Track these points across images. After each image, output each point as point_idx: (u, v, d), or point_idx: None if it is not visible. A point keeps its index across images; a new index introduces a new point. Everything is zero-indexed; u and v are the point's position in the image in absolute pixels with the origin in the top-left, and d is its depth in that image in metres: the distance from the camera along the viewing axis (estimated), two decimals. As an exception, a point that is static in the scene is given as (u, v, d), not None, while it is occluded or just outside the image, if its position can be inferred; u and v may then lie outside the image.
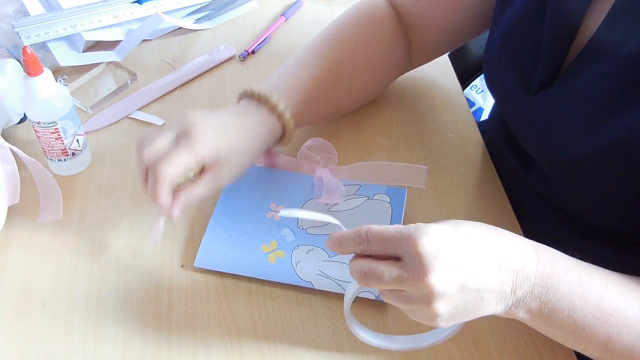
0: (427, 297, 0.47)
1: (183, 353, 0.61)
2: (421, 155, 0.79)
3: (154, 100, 0.86)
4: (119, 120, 0.84)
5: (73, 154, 0.75)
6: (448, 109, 0.85)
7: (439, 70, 0.91)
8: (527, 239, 0.52)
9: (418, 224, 0.49)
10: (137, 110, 0.85)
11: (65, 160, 0.75)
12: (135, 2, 0.95)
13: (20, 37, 0.87)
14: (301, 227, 0.70)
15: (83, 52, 0.92)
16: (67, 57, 0.90)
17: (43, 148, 0.74)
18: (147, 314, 0.64)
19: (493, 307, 0.50)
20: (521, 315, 0.51)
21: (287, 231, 0.70)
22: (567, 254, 0.53)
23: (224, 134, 0.63)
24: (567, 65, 0.61)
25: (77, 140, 0.74)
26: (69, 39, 0.92)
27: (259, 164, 0.76)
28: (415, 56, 0.81)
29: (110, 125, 0.83)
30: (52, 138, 0.72)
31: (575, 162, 0.59)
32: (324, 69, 0.73)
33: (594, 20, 0.58)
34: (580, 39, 0.59)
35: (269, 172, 0.76)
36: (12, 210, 0.72)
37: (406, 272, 0.47)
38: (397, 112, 0.85)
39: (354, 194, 0.74)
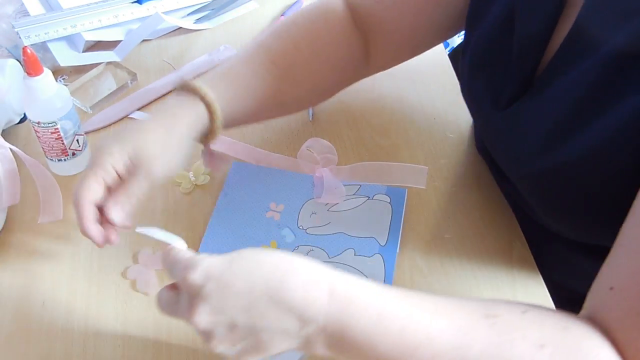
0: (200, 333, 0.46)
1: (183, 353, 0.61)
2: (421, 155, 0.79)
3: (154, 100, 0.86)
4: (119, 120, 0.84)
5: (73, 154, 0.75)
6: (448, 109, 0.85)
7: (439, 70, 0.91)
8: (327, 270, 0.47)
9: (204, 255, 0.47)
10: (137, 110, 0.85)
11: (65, 160, 0.75)
12: (135, 2, 0.95)
13: (20, 37, 0.87)
14: (301, 227, 0.70)
15: (83, 52, 0.92)
16: (67, 57, 0.90)
17: (43, 148, 0.74)
18: (147, 313, 0.64)
19: (280, 345, 0.46)
20: (321, 351, 0.47)
21: (287, 231, 0.70)
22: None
23: (129, 135, 0.62)
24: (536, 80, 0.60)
25: (77, 140, 0.74)
26: (69, 39, 0.92)
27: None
28: (375, 59, 0.76)
29: (110, 125, 0.83)
30: (52, 138, 0.72)
31: (539, 175, 0.58)
32: (264, 61, 0.70)
33: (561, 33, 0.57)
34: (548, 54, 0.59)
35: (269, 172, 0.76)
36: (12, 210, 0.72)
37: (178, 305, 0.47)
38: (397, 112, 0.85)
39: (354, 194, 0.74)
